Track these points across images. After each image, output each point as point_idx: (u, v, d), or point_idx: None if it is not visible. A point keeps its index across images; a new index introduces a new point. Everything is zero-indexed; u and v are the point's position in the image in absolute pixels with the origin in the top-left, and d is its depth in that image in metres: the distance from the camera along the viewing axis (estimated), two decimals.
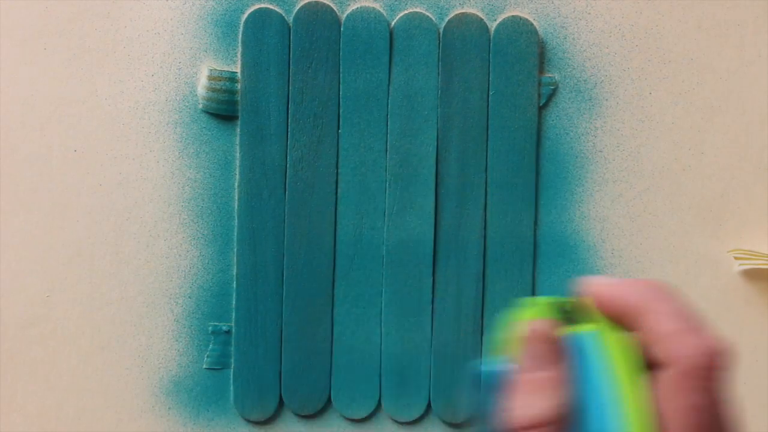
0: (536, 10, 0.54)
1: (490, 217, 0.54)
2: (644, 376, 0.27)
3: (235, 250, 0.53)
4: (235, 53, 0.53)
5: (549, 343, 0.28)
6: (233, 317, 0.53)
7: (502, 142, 0.54)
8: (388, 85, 0.53)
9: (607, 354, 0.27)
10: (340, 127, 0.53)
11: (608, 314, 0.28)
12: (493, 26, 0.54)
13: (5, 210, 0.52)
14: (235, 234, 0.53)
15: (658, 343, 0.27)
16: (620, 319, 0.28)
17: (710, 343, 0.26)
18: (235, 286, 0.53)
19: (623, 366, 0.27)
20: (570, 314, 0.29)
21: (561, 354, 0.28)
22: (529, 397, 0.27)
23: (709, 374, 0.26)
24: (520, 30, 0.54)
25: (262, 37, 0.52)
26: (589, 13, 0.54)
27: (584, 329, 0.28)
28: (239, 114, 0.53)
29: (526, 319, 0.29)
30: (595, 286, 0.29)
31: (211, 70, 0.52)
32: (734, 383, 0.52)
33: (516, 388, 0.28)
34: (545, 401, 0.27)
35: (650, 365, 0.27)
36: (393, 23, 0.53)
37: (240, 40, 0.53)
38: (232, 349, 0.53)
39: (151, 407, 0.53)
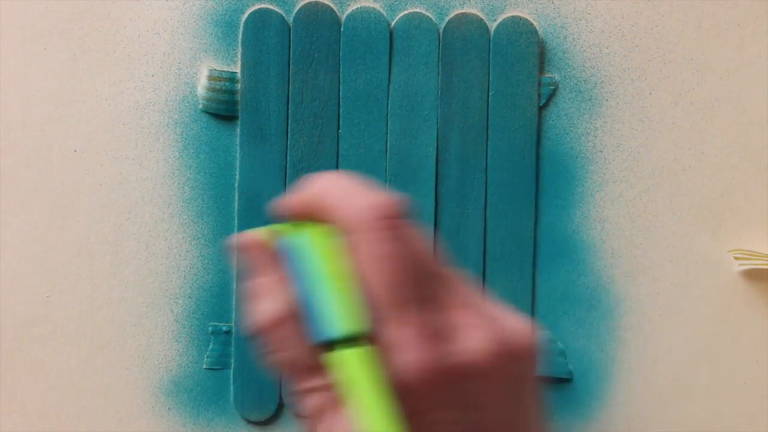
0: (536, 10, 0.54)
1: (490, 217, 0.54)
2: (344, 253, 0.28)
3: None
4: (235, 53, 0.53)
5: (263, 249, 0.30)
6: (233, 317, 0.53)
7: (502, 142, 0.54)
8: (388, 85, 0.53)
9: (310, 247, 0.29)
10: (340, 127, 0.53)
11: (304, 217, 0.30)
12: (493, 26, 0.54)
13: (5, 210, 0.52)
14: (235, 234, 0.53)
15: (337, 215, 0.28)
16: (317, 217, 0.30)
17: (377, 197, 0.28)
18: (235, 286, 0.53)
19: (325, 253, 0.28)
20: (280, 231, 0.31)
21: (278, 257, 0.30)
22: (261, 300, 0.29)
23: (386, 223, 0.27)
24: (520, 30, 0.54)
25: (262, 37, 0.52)
26: (589, 13, 0.54)
27: (291, 234, 0.30)
28: (239, 114, 0.53)
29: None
30: (279, 202, 0.31)
31: (211, 70, 0.52)
32: (734, 382, 0.52)
33: (249, 296, 0.29)
34: (272, 303, 0.28)
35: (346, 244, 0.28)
36: (393, 23, 0.53)
37: (240, 40, 0.53)
38: (232, 349, 0.53)
39: (151, 407, 0.53)
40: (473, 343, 0.27)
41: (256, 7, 0.53)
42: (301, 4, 0.53)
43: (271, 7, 0.53)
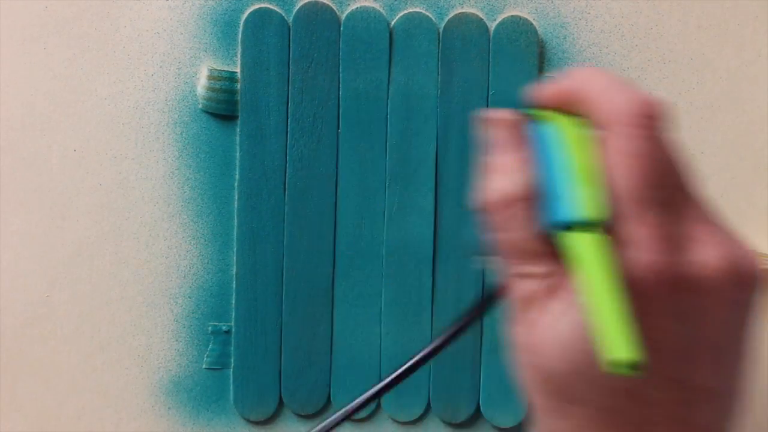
0: (536, 10, 0.54)
1: None
2: (594, 145, 0.28)
3: (235, 250, 0.53)
4: (235, 53, 0.53)
5: (512, 129, 0.30)
6: (233, 317, 0.53)
7: None
8: (388, 85, 0.53)
9: (561, 135, 0.29)
10: (340, 127, 0.53)
11: (558, 108, 0.30)
12: (493, 26, 0.54)
13: (5, 210, 0.52)
14: (235, 234, 0.53)
15: (597, 108, 0.28)
16: (570, 109, 0.29)
17: (641, 95, 0.27)
18: (235, 286, 0.53)
19: (575, 142, 0.28)
20: (530, 116, 0.31)
21: (523, 139, 0.29)
22: (498, 177, 0.29)
23: (645, 122, 0.27)
24: (520, 30, 0.54)
25: (262, 37, 0.52)
26: (589, 13, 0.54)
27: (540, 120, 0.30)
28: (239, 114, 0.53)
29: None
30: (535, 89, 0.31)
31: (210, 70, 0.52)
32: None
33: (485, 171, 0.29)
34: (512, 180, 0.28)
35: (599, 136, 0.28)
36: (393, 23, 0.53)
37: (240, 40, 0.53)
38: (232, 349, 0.53)
39: (151, 407, 0.53)
40: (708, 258, 0.27)
41: (256, 6, 0.53)
42: (301, 4, 0.53)
43: (271, 6, 0.53)
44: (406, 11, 0.53)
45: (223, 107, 0.53)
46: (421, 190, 0.53)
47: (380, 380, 0.36)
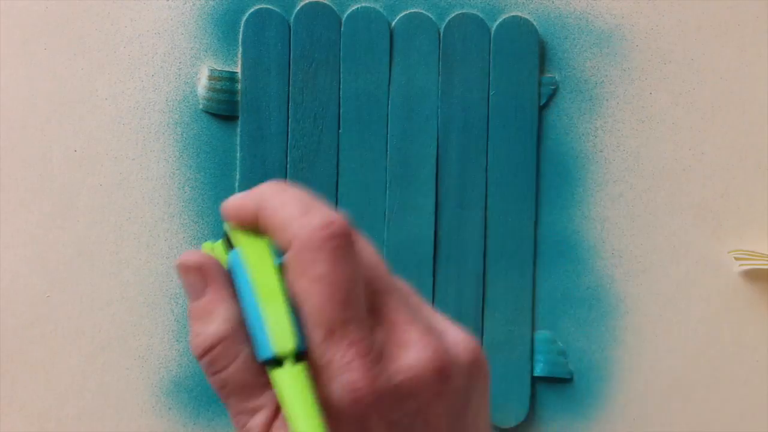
0: (536, 10, 0.54)
1: (490, 217, 0.54)
2: (282, 270, 0.27)
3: None
4: (235, 53, 0.53)
5: (202, 270, 0.29)
6: None
7: (502, 142, 0.54)
8: (388, 85, 0.53)
9: (248, 262, 0.28)
10: (340, 127, 0.53)
11: (243, 226, 0.29)
12: (493, 26, 0.54)
13: (5, 210, 0.52)
14: None
15: (279, 231, 0.27)
16: (253, 227, 0.29)
17: (320, 215, 0.27)
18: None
19: (263, 268, 0.28)
20: (228, 241, 0.30)
21: (217, 277, 0.29)
22: (196, 324, 0.28)
23: (328, 243, 0.26)
24: (520, 30, 0.54)
25: (262, 37, 0.52)
26: (589, 13, 0.54)
27: (235, 244, 0.29)
28: (239, 114, 0.53)
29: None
30: (224, 205, 0.30)
31: (211, 70, 0.52)
32: (734, 382, 0.52)
33: (189, 318, 0.29)
34: (210, 324, 0.28)
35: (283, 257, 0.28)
36: (393, 23, 0.53)
37: (240, 40, 0.53)
38: None
39: (151, 407, 0.53)
40: (412, 361, 0.26)
41: (256, 7, 0.53)
42: (301, 4, 0.53)
43: (271, 7, 0.53)
44: (406, 11, 0.53)
45: (224, 107, 0.53)
46: (422, 191, 0.53)
47: None
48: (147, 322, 0.53)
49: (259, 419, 0.27)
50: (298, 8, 0.53)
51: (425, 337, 0.27)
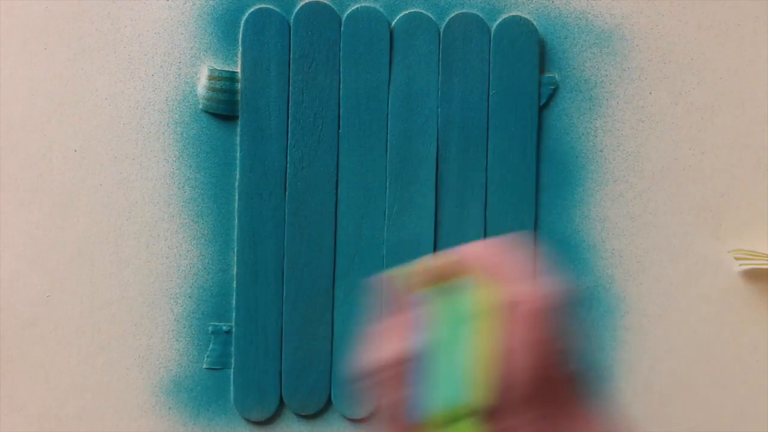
0: (536, 10, 0.54)
1: (490, 217, 0.54)
2: (498, 318, 0.28)
3: (235, 250, 0.53)
4: (235, 53, 0.53)
5: (400, 298, 0.30)
6: (233, 317, 0.53)
7: (502, 142, 0.54)
8: (388, 85, 0.53)
9: (463, 302, 0.29)
10: (340, 127, 0.53)
11: (471, 272, 0.30)
12: (493, 26, 0.54)
13: (5, 210, 0.52)
14: (235, 234, 0.53)
15: (507, 292, 0.29)
16: (481, 275, 0.30)
17: (546, 289, 0.28)
18: (235, 286, 0.53)
19: (478, 312, 0.29)
20: (444, 276, 0.31)
21: (412, 306, 0.30)
22: (381, 342, 0.29)
23: (545, 314, 0.28)
24: (520, 30, 0.54)
25: (262, 37, 0.52)
26: (589, 13, 0.54)
27: (445, 285, 0.30)
28: (239, 114, 0.53)
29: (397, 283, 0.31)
30: (461, 251, 0.31)
31: (211, 70, 0.52)
32: (734, 382, 0.52)
33: (371, 339, 0.30)
34: (393, 344, 0.29)
35: (504, 309, 0.29)
36: (393, 23, 0.53)
37: (240, 40, 0.53)
38: (232, 349, 0.53)
39: (151, 407, 0.53)
40: None
41: (256, 7, 0.53)
42: (301, 4, 0.53)
43: (271, 6, 0.53)
44: (406, 11, 0.53)
45: (224, 107, 0.53)
46: (422, 190, 0.53)
47: None
48: (147, 322, 0.53)
49: None
50: (298, 8, 0.53)
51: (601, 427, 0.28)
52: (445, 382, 0.27)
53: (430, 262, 0.31)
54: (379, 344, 0.29)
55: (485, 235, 0.54)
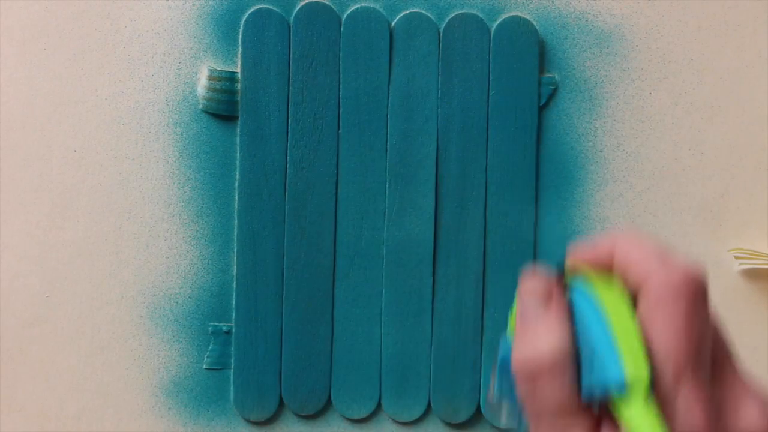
0: (536, 10, 0.54)
1: (490, 217, 0.54)
2: (631, 310, 0.29)
3: (235, 250, 0.53)
4: (235, 53, 0.53)
5: (545, 291, 0.30)
6: (233, 317, 0.53)
7: (502, 142, 0.54)
8: (388, 85, 0.53)
9: (597, 296, 0.29)
10: (340, 127, 0.53)
11: (595, 268, 0.31)
12: (493, 26, 0.54)
13: (5, 210, 0.52)
14: (235, 234, 0.53)
15: (639, 275, 0.29)
16: (607, 270, 0.30)
17: (685, 269, 0.28)
18: (235, 286, 0.53)
19: (613, 304, 0.29)
20: (564, 276, 0.32)
21: (557, 301, 0.30)
22: (529, 342, 0.29)
23: (689, 294, 0.28)
24: (520, 30, 0.54)
25: (262, 37, 0.52)
26: (589, 13, 0.54)
27: (576, 280, 0.31)
28: (239, 114, 0.53)
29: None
30: (579, 248, 0.32)
31: (211, 70, 0.52)
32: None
33: (521, 335, 0.29)
34: (545, 343, 0.28)
35: (635, 300, 0.29)
36: (393, 23, 0.53)
37: (240, 40, 0.53)
38: (232, 349, 0.53)
39: (151, 407, 0.53)
40: (751, 424, 0.28)
41: (256, 7, 0.53)
42: (301, 4, 0.53)
43: (271, 7, 0.53)
44: (406, 11, 0.53)
45: (224, 107, 0.53)
46: (421, 190, 0.53)
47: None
48: (147, 322, 0.53)
49: None
50: (298, 8, 0.53)
51: (763, 403, 0.28)
52: (608, 363, 0.28)
53: (582, 250, 0.31)
54: (528, 336, 0.29)
55: (485, 235, 0.54)
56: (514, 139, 0.54)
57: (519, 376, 0.29)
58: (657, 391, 0.27)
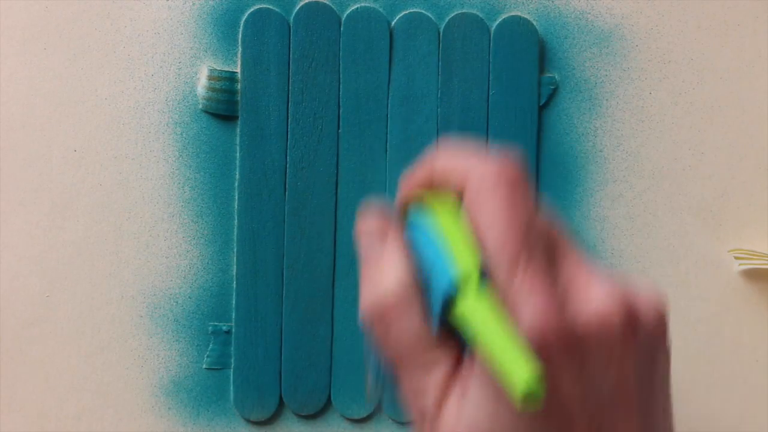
0: (536, 10, 0.54)
1: None
2: (465, 217, 0.28)
3: (235, 250, 0.53)
4: (235, 53, 0.53)
5: (380, 229, 0.29)
6: (233, 317, 0.53)
7: (502, 142, 0.54)
8: (388, 85, 0.53)
9: (431, 218, 0.28)
10: (340, 127, 0.53)
11: (424, 190, 0.30)
12: (492, 26, 0.54)
13: (5, 210, 0.52)
14: (235, 234, 0.53)
15: (457, 179, 0.28)
16: (436, 188, 0.29)
17: (499, 159, 0.27)
18: (235, 286, 0.53)
19: (445, 219, 0.28)
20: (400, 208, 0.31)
21: (393, 236, 0.29)
22: (371, 283, 0.28)
23: (508, 182, 0.27)
24: (520, 30, 0.54)
25: (262, 37, 0.52)
26: (589, 13, 0.54)
27: (411, 209, 0.30)
28: (239, 114, 0.53)
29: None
30: (406, 180, 0.31)
31: (211, 70, 0.52)
32: (734, 382, 0.52)
33: (364, 280, 0.28)
34: (385, 282, 0.27)
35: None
36: (393, 23, 0.53)
37: (240, 40, 0.53)
38: (232, 349, 0.53)
39: (151, 407, 0.53)
40: (599, 307, 0.25)
41: (256, 7, 0.53)
42: (301, 4, 0.53)
43: (270, 7, 0.53)
44: (406, 11, 0.53)
45: (224, 107, 0.53)
46: None
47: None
48: (146, 322, 0.53)
49: (436, 375, 0.26)
50: (297, 8, 0.53)
51: (610, 286, 0.26)
52: (443, 274, 0.26)
53: (408, 178, 0.30)
54: (373, 275, 0.28)
55: None
56: (514, 139, 0.54)
57: (370, 321, 0.28)
58: (495, 284, 0.26)
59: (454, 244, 0.27)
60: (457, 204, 0.28)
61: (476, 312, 0.25)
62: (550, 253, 0.27)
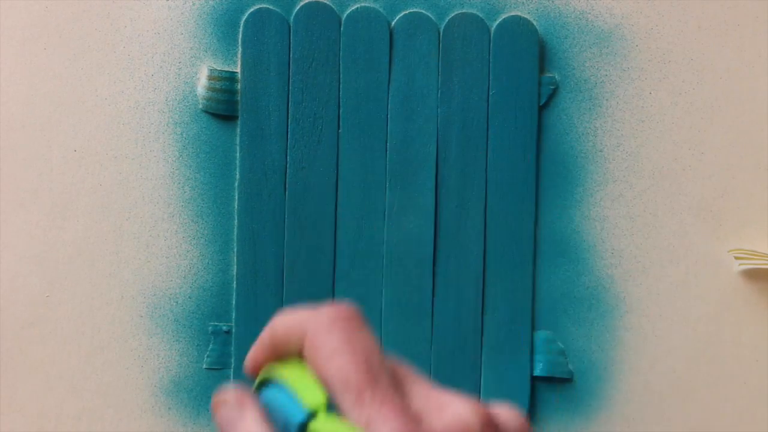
0: (536, 10, 0.54)
1: (490, 217, 0.54)
2: (309, 370, 0.28)
3: (235, 250, 0.53)
4: (235, 53, 0.53)
5: (237, 398, 0.30)
6: (233, 317, 0.53)
7: (502, 142, 0.54)
8: (388, 85, 0.53)
9: (280, 380, 0.29)
10: (340, 127, 0.53)
11: (271, 360, 0.31)
12: (492, 26, 0.54)
13: (5, 210, 0.52)
14: (235, 234, 0.53)
15: (296, 339, 0.29)
16: (281, 350, 0.30)
17: (329, 307, 0.28)
18: (235, 286, 0.53)
19: (293, 376, 0.29)
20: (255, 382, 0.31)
21: (249, 402, 0.29)
22: None
23: (339, 323, 0.28)
24: (520, 30, 0.54)
25: (262, 37, 0.52)
26: (589, 13, 0.54)
27: (263, 379, 0.31)
28: (239, 114, 0.53)
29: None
30: (250, 357, 0.31)
31: (211, 70, 0.52)
32: (734, 382, 0.52)
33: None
34: None
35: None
36: (393, 23, 0.53)
37: (240, 40, 0.53)
38: (232, 349, 0.53)
39: (151, 407, 0.53)
40: (456, 419, 0.26)
41: (256, 7, 0.53)
42: (301, 4, 0.53)
43: (270, 7, 0.53)
44: (406, 11, 0.53)
45: (224, 107, 0.53)
46: (421, 190, 0.53)
47: None
48: (146, 322, 0.53)
49: None
50: (298, 8, 0.53)
51: (467, 402, 0.27)
52: (294, 417, 0.27)
53: (253, 355, 0.31)
54: None
55: (485, 235, 0.54)
56: (514, 139, 0.54)
57: None
58: (346, 414, 0.26)
59: (302, 389, 0.28)
60: (302, 359, 0.29)
61: (328, 427, 0.26)
62: (398, 382, 0.28)
